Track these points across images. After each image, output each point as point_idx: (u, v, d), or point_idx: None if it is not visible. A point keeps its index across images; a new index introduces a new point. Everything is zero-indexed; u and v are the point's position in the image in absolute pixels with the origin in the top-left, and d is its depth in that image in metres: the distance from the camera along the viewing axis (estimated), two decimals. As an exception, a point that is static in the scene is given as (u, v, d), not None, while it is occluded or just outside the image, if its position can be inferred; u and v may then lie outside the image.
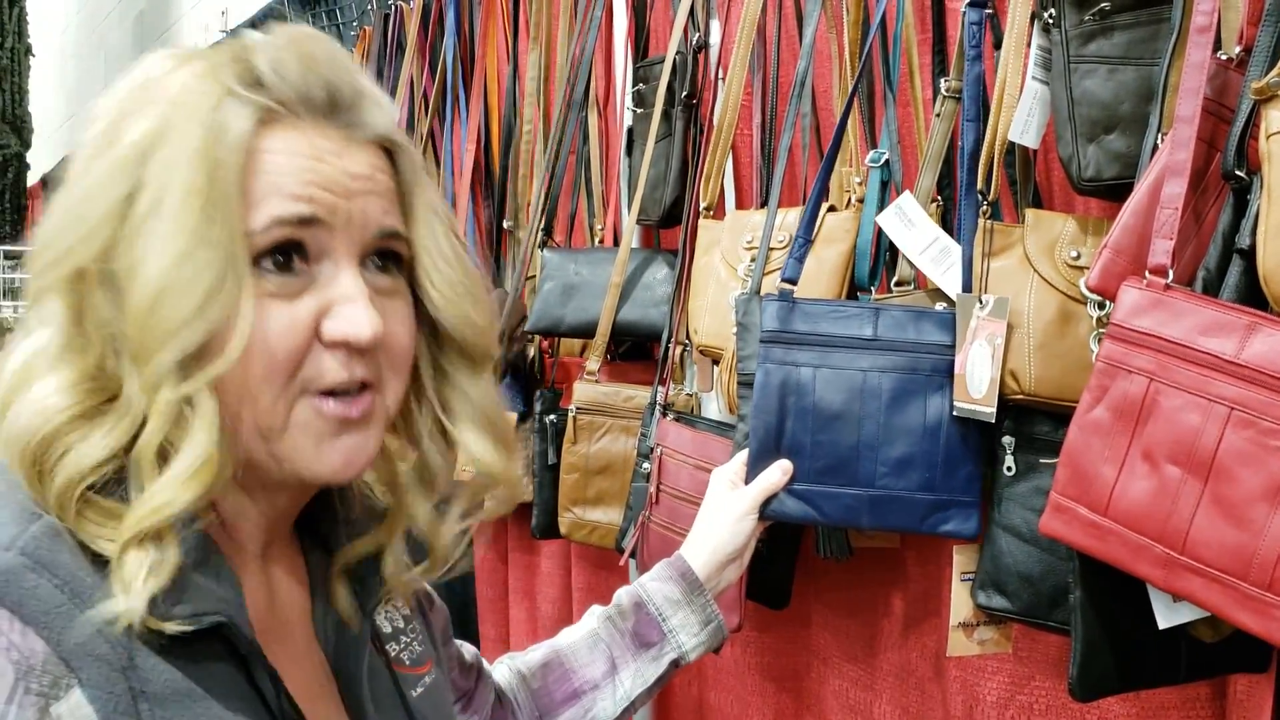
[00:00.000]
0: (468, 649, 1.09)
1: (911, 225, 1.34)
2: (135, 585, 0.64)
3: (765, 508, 1.29)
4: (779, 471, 1.29)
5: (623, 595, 1.19)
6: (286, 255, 0.70)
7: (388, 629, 0.89)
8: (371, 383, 0.74)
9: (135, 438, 0.67)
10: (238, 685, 0.70)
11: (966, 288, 1.26)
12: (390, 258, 0.76)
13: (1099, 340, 1.14)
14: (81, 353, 0.69)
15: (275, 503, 0.78)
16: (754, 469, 1.31)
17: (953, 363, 1.25)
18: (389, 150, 0.76)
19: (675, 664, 1.17)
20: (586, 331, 1.92)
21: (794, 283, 1.35)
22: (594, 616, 1.19)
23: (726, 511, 1.27)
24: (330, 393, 0.72)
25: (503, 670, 1.15)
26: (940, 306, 1.30)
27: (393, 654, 0.87)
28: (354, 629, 0.82)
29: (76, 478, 0.66)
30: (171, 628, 0.65)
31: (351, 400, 0.73)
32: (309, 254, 0.71)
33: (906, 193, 1.36)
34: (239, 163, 0.68)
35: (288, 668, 0.74)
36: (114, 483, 0.68)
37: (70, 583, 0.64)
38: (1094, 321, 1.16)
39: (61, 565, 0.64)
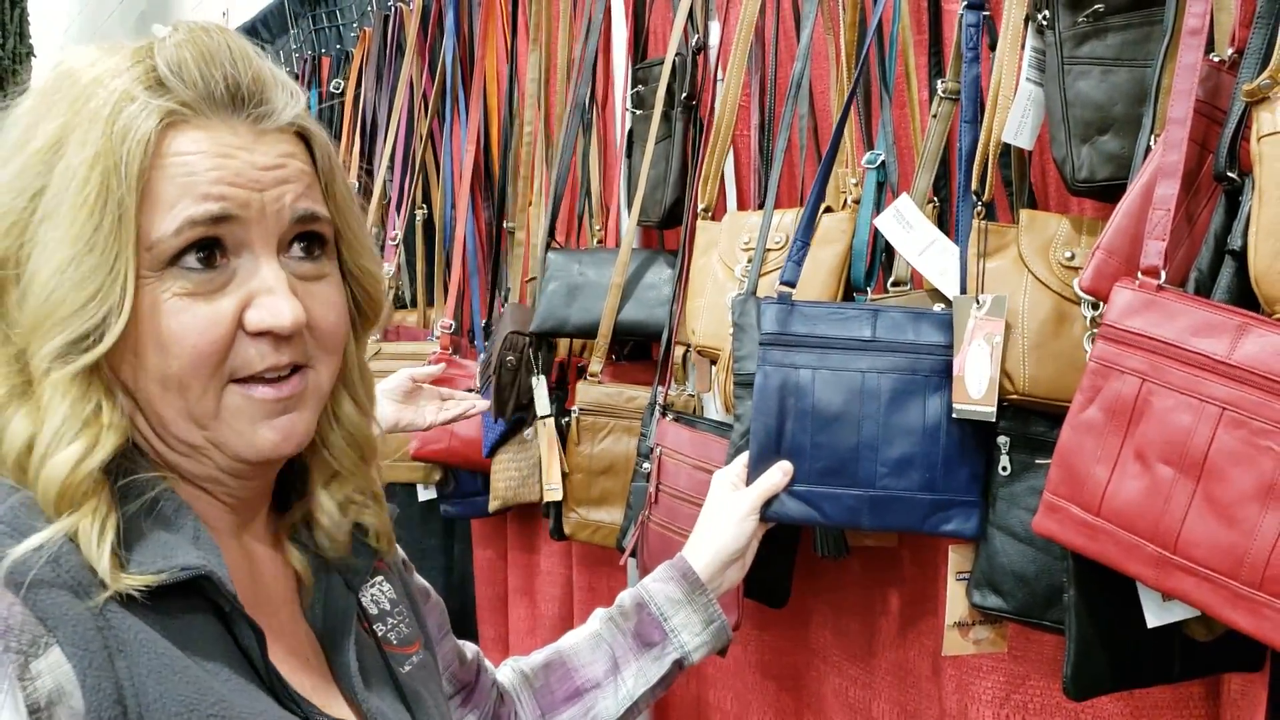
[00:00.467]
0: (469, 646, 1.11)
1: (910, 228, 1.34)
2: (93, 546, 0.68)
3: (766, 509, 1.29)
4: (779, 473, 1.30)
5: (625, 597, 1.20)
6: (206, 253, 0.73)
7: (374, 610, 0.91)
8: (302, 364, 0.77)
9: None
10: (220, 643, 0.72)
11: (964, 289, 1.27)
12: (315, 240, 0.78)
13: (1093, 340, 1.15)
14: (3, 343, 0.73)
15: (233, 486, 0.80)
16: (755, 471, 1.31)
17: (951, 363, 1.26)
18: (302, 135, 0.78)
19: (679, 664, 1.17)
20: (592, 332, 1.92)
21: (793, 285, 1.36)
22: (597, 618, 1.20)
23: (728, 513, 1.28)
24: (260, 378, 0.75)
25: (506, 671, 1.16)
26: (938, 308, 1.30)
27: (380, 633, 0.89)
28: (341, 606, 0.84)
29: (22, 452, 0.70)
30: (149, 580, 0.68)
31: (282, 382, 0.76)
32: (227, 249, 0.74)
33: (904, 195, 1.37)
34: (140, 168, 0.71)
35: (272, 638, 0.76)
36: None
37: (44, 547, 0.67)
38: (1088, 322, 1.17)
39: (36, 532, 0.68)
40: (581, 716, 1.12)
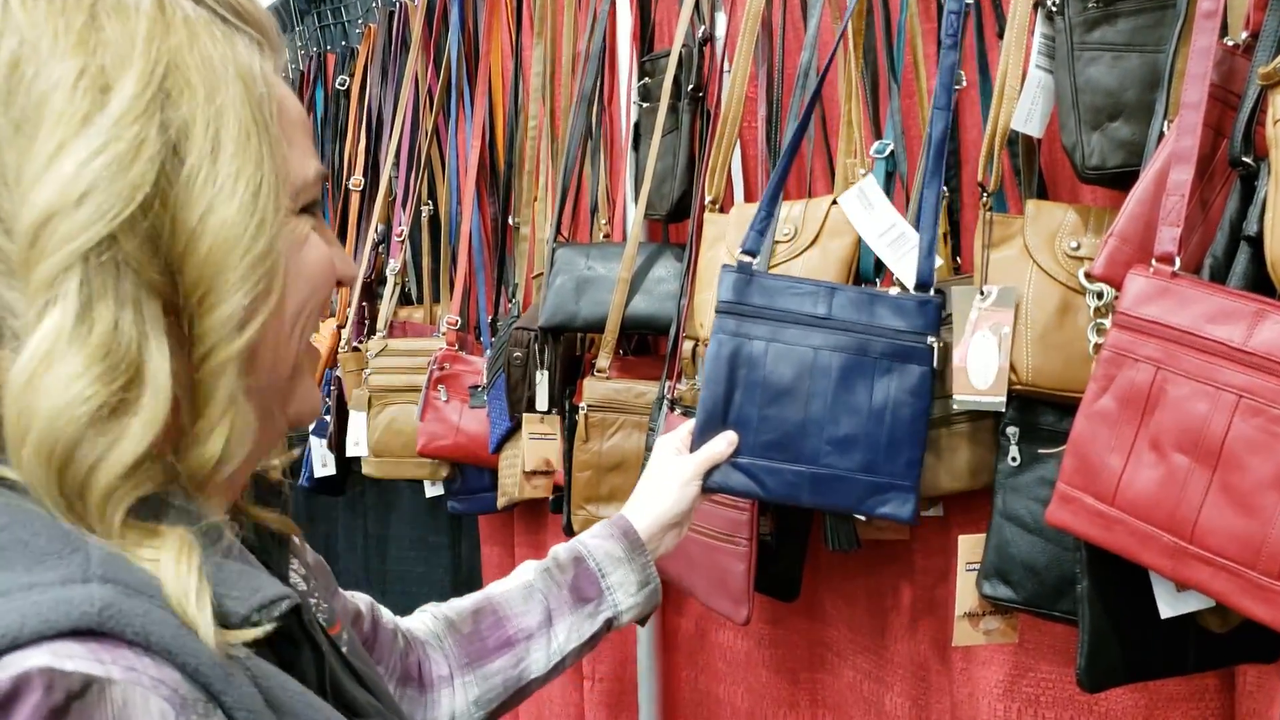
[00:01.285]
0: (361, 598, 1.03)
1: (870, 208, 1.33)
2: (206, 586, 0.58)
3: (709, 479, 1.27)
4: (724, 442, 1.27)
5: (560, 550, 1.15)
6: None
7: (303, 586, 0.83)
8: None
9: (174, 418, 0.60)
10: (294, 668, 0.64)
11: (924, 276, 1.26)
12: None
13: (1098, 331, 1.14)
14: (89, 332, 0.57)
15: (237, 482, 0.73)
16: (700, 439, 1.29)
17: (902, 349, 1.25)
18: None
19: (609, 624, 1.13)
20: (602, 326, 1.91)
21: (754, 255, 1.34)
22: (528, 569, 1.15)
23: (670, 477, 1.24)
24: None
25: (424, 618, 1.09)
26: (894, 292, 1.29)
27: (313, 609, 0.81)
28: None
29: (120, 483, 0.57)
30: (271, 620, 0.60)
31: None
32: None
33: (869, 175, 1.36)
34: (271, 104, 0.65)
35: None
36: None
37: (165, 600, 0.56)
38: (1092, 312, 1.16)
39: (147, 584, 0.56)
40: (512, 668, 1.07)
